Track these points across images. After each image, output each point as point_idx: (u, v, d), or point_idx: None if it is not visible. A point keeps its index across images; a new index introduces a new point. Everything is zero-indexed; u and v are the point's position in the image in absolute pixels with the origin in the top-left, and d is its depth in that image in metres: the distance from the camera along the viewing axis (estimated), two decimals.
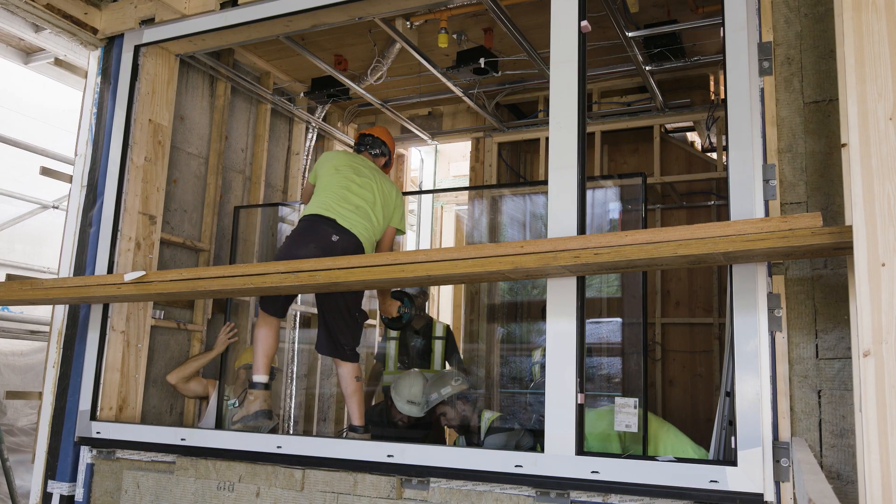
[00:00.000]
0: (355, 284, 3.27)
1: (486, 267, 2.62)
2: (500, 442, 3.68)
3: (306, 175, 5.65)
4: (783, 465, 2.36)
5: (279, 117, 5.60)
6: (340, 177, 3.69)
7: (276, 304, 3.65)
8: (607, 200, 5.32)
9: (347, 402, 3.68)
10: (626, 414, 3.08)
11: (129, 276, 3.37)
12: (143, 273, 3.38)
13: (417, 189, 7.18)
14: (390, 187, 3.86)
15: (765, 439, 2.37)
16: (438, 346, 4.89)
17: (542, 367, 3.86)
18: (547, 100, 5.49)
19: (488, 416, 3.86)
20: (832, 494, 1.79)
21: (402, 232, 3.92)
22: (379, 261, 2.90)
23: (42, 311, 6.75)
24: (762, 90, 2.61)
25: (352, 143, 5.70)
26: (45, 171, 5.23)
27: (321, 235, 3.51)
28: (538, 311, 5.78)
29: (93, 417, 3.75)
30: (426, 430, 4.28)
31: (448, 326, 5.12)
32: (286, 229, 5.34)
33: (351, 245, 3.53)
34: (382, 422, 4.28)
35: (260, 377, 3.61)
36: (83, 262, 4.02)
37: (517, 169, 6.32)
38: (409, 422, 4.12)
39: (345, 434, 3.68)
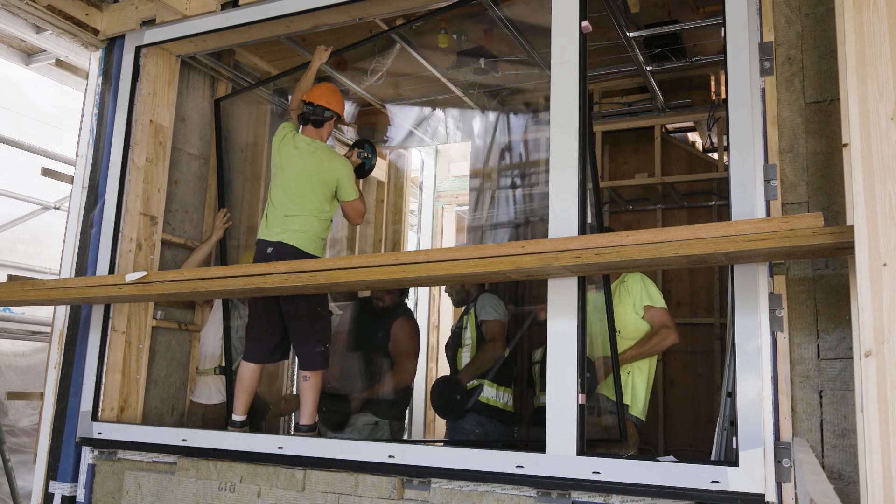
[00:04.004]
0: (357, 284, 3.27)
1: (488, 267, 2.63)
2: (489, 301, 4.16)
3: None
4: (784, 465, 2.35)
5: (280, 118, 5.59)
6: (276, 184, 3.79)
7: (259, 351, 3.72)
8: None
9: (301, 397, 3.70)
10: None
11: (131, 277, 3.38)
12: (145, 274, 3.38)
13: (418, 189, 7.18)
14: (330, 160, 3.76)
15: (766, 440, 2.36)
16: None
17: (541, 366, 3.89)
18: (548, 99, 5.49)
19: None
20: (834, 495, 1.79)
21: (353, 197, 3.86)
22: (380, 261, 2.90)
23: (43, 312, 6.76)
24: (763, 90, 2.61)
25: (350, 144, 5.67)
26: (47, 172, 5.24)
27: (261, 255, 3.69)
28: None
29: (94, 418, 3.75)
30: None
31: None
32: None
33: (288, 252, 3.62)
34: (364, 308, 4.66)
35: (238, 417, 3.70)
36: (84, 262, 4.02)
37: None
38: (388, 302, 4.46)
39: (292, 430, 3.75)
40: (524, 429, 4.42)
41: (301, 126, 3.92)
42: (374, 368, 4.52)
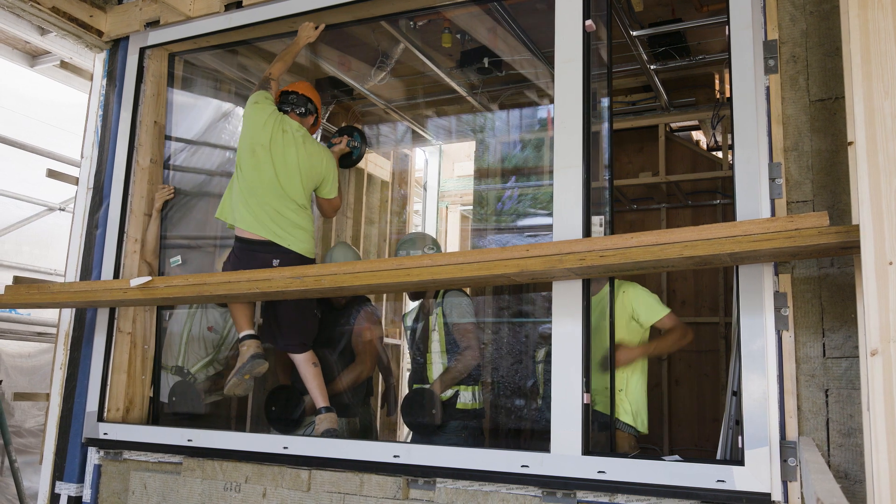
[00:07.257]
0: (361, 288, 3.27)
1: (492, 270, 2.62)
2: (458, 301, 3.93)
3: None
4: (790, 464, 2.35)
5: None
6: (255, 167, 3.46)
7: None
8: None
9: (309, 387, 3.65)
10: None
11: (135, 282, 3.37)
12: (149, 279, 3.38)
13: (422, 189, 7.19)
14: (319, 155, 3.62)
15: (772, 439, 2.36)
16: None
17: (545, 367, 3.87)
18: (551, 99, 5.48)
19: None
20: (840, 494, 1.78)
21: (335, 196, 3.75)
22: (385, 266, 2.90)
23: (49, 313, 6.78)
24: (768, 88, 2.60)
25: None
26: (52, 174, 5.24)
27: (262, 264, 3.41)
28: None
29: (100, 419, 3.77)
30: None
31: None
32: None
33: (293, 262, 3.47)
34: (322, 301, 4.15)
35: (246, 331, 3.54)
36: (90, 263, 4.03)
37: None
38: (343, 301, 4.18)
39: (315, 419, 3.64)
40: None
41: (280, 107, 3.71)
42: (331, 363, 4.19)
